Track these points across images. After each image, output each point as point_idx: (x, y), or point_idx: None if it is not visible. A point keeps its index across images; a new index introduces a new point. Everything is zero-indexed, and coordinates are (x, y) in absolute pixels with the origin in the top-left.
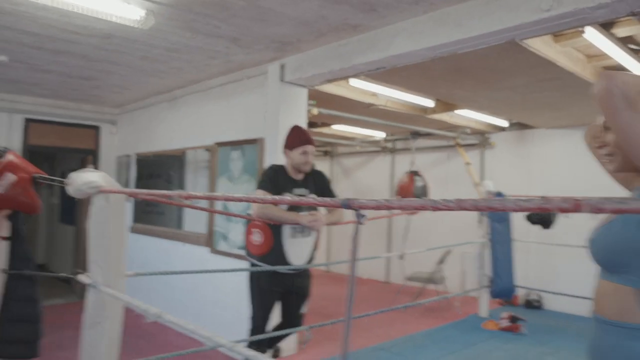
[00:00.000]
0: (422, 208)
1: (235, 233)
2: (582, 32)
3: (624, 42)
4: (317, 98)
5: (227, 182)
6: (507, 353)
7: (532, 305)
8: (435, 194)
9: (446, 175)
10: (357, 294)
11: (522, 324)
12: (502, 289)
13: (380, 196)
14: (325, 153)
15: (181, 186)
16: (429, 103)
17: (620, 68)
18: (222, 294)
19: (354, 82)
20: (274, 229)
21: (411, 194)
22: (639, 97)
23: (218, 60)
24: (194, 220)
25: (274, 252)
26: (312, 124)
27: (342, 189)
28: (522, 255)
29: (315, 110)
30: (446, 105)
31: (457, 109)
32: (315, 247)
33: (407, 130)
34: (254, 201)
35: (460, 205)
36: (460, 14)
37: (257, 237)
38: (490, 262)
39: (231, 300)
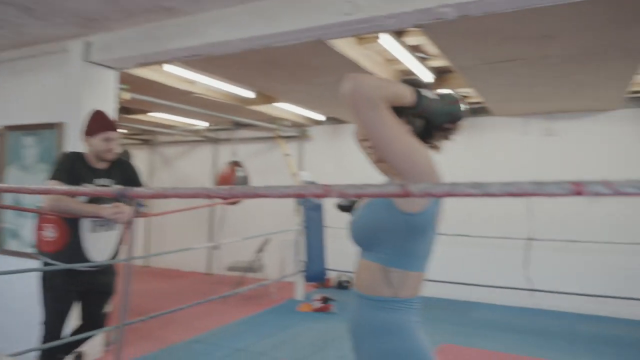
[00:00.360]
0: (196, 195)
1: (29, 229)
2: (377, 37)
3: (414, 49)
4: (131, 82)
5: (18, 172)
6: (318, 332)
7: (343, 286)
8: (256, 183)
9: (266, 165)
10: (177, 288)
11: (332, 304)
12: (315, 273)
13: (203, 185)
14: (144, 142)
15: None
16: (249, 94)
17: (410, 73)
18: (8, 299)
19: (169, 68)
20: (70, 223)
21: (232, 184)
22: (380, 99)
23: (7, 30)
24: None
25: (71, 248)
26: (127, 110)
27: (162, 179)
28: (334, 240)
29: (127, 95)
30: (266, 97)
31: (276, 101)
32: (120, 242)
33: (229, 120)
34: (47, 192)
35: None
36: (273, 9)
37: (49, 233)
38: (304, 248)
39: (21, 306)
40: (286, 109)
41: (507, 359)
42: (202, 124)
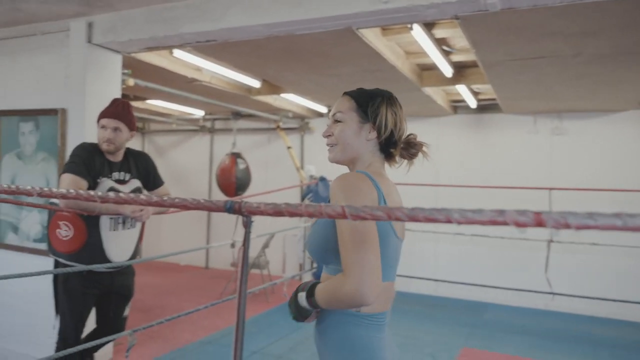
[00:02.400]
0: (338, 215)
1: (29, 222)
2: (410, 28)
3: (439, 42)
4: (133, 67)
5: (16, 161)
6: None
7: None
8: (256, 177)
9: (266, 158)
10: (176, 283)
11: None
12: None
13: (199, 178)
14: (137, 129)
15: None
16: (255, 83)
17: (433, 67)
18: (10, 297)
19: (178, 53)
20: (88, 221)
21: (233, 176)
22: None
23: (1, 6)
24: None
25: (89, 248)
26: (124, 96)
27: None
28: None
29: (131, 81)
30: (272, 87)
31: (282, 92)
32: (140, 240)
33: (229, 109)
34: (89, 199)
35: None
36: None
37: (65, 231)
38: None
39: (23, 304)
40: (289, 99)
41: None
42: (199, 113)
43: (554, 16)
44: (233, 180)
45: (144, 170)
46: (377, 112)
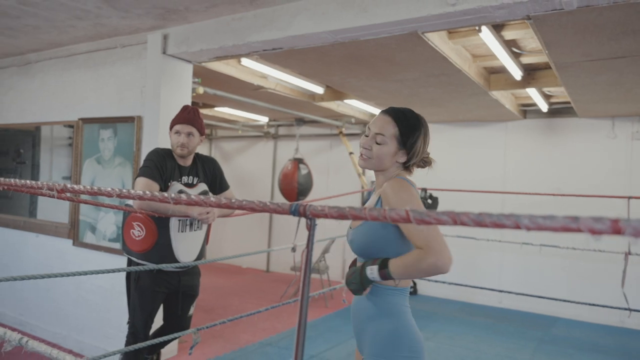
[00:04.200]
0: (400, 219)
1: (105, 223)
2: (479, 30)
3: (509, 44)
4: (202, 76)
5: (95, 165)
6: None
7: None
8: (317, 182)
9: (328, 163)
10: (239, 284)
11: None
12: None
13: (262, 182)
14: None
15: (34, 166)
16: (319, 90)
17: (501, 69)
18: (85, 292)
19: (246, 61)
20: (158, 223)
21: (295, 181)
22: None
23: (86, 21)
24: (51, 207)
25: (159, 248)
26: (193, 104)
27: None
28: None
29: (200, 89)
30: (335, 93)
31: (346, 98)
32: (206, 242)
33: (292, 116)
34: (164, 200)
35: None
36: None
37: (138, 232)
38: None
39: (98, 299)
40: (352, 105)
41: None
42: (264, 119)
43: (636, 13)
44: (295, 185)
45: (211, 174)
46: (414, 144)
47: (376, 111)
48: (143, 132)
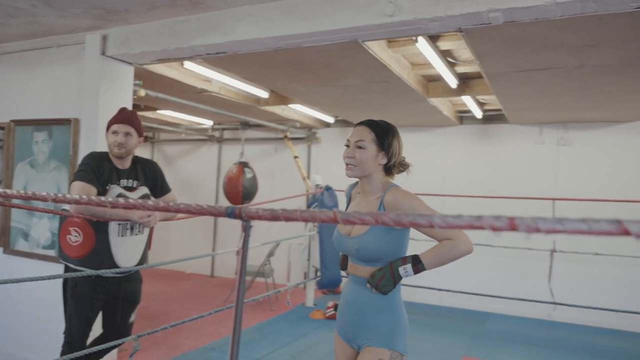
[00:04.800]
0: (362, 222)
1: (39, 229)
2: (416, 41)
3: (444, 54)
4: (143, 78)
5: (28, 169)
6: (333, 341)
7: None
8: (263, 186)
9: (273, 167)
10: (182, 290)
11: None
12: (330, 280)
13: (207, 186)
14: (146, 139)
15: None
16: (263, 94)
17: (438, 78)
18: (18, 302)
19: (189, 64)
20: (97, 227)
21: (240, 185)
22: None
23: (19, 19)
24: None
25: (97, 253)
26: (134, 107)
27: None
28: None
29: (142, 92)
30: (280, 98)
31: (290, 102)
32: (148, 246)
33: (237, 119)
34: (100, 204)
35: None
36: (308, 7)
37: (75, 237)
38: (317, 254)
39: (32, 310)
40: (297, 109)
41: None
42: (208, 123)
43: (556, 29)
44: (240, 189)
45: (151, 177)
46: (391, 145)
47: (321, 116)
48: (80, 135)
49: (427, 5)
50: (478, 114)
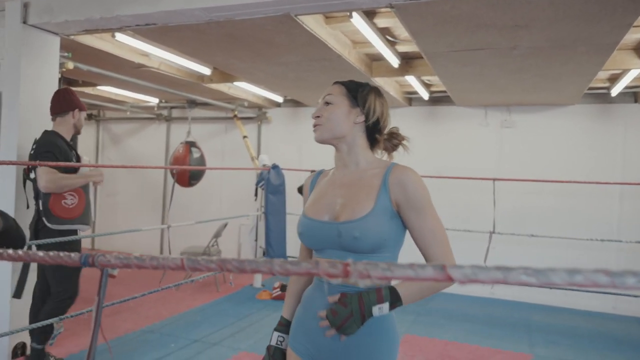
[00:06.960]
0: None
1: None
2: (350, 16)
3: (383, 32)
4: (76, 50)
5: None
6: (277, 320)
7: None
8: (212, 165)
9: (223, 147)
10: (126, 272)
11: None
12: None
13: (156, 165)
14: (91, 117)
15: None
16: (206, 71)
17: (382, 57)
18: None
19: (121, 37)
20: (84, 189)
21: (187, 165)
22: None
23: None
24: None
25: (87, 209)
26: (70, 82)
27: (111, 157)
28: (295, 226)
29: (70, 64)
30: (224, 75)
31: (235, 80)
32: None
33: (183, 98)
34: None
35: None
36: None
37: (71, 200)
38: (264, 234)
39: None
40: (245, 88)
41: (468, 349)
42: (154, 101)
43: (484, 7)
44: (187, 170)
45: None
46: (366, 98)
47: (270, 95)
48: (2, 107)
49: None
50: (425, 95)
